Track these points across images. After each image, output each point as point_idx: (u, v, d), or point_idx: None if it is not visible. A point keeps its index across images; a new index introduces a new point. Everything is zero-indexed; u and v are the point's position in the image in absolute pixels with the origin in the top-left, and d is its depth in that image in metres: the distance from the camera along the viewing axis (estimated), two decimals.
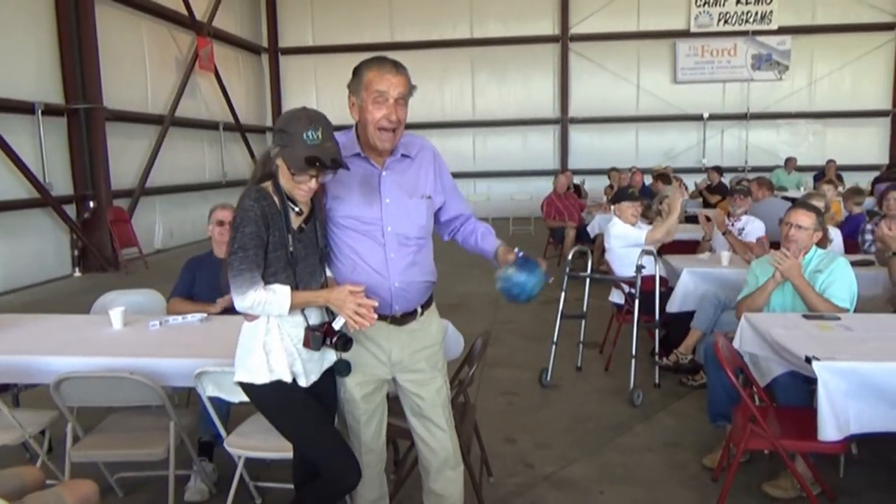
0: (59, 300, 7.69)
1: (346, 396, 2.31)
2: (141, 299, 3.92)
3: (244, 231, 2.00)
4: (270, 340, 2.10)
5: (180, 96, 12.00)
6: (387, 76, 2.08)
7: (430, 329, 2.37)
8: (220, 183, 13.45)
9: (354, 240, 2.20)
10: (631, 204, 4.91)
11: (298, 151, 1.95)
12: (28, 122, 8.73)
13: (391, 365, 2.30)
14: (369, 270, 2.19)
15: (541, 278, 2.16)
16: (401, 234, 2.20)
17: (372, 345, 2.28)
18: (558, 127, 15.54)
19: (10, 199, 8.40)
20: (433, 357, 2.37)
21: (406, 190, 2.23)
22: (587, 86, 15.24)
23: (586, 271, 4.84)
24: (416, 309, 2.31)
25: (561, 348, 4.75)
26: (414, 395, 2.35)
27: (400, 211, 2.20)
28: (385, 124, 2.10)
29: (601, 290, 5.53)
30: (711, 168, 11.49)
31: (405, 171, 2.24)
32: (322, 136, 1.97)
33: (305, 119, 1.98)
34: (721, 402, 3.32)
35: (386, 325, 2.25)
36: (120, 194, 10.33)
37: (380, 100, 2.08)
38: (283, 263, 2.06)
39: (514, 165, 15.54)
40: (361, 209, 2.18)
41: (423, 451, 2.42)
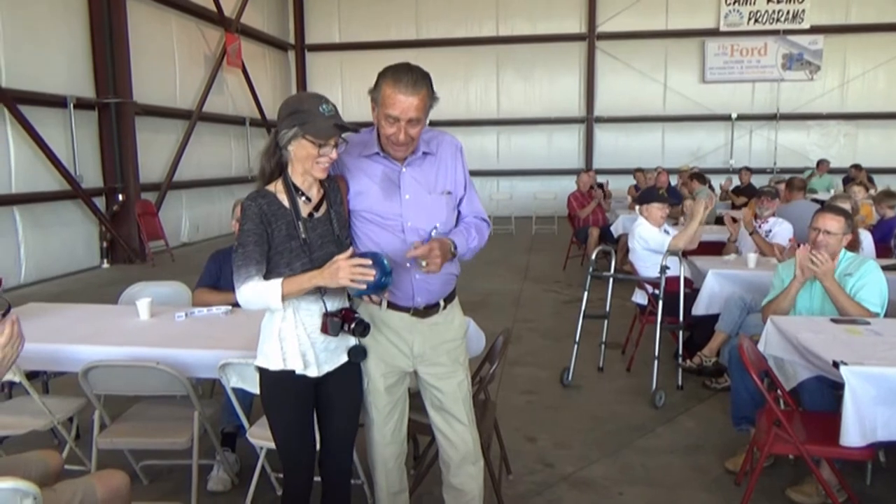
0: (88, 290, 7.84)
1: (371, 387, 2.33)
2: (167, 291, 3.98)
3: (242, 228, 2.09)
4: (285, 328, 2.14)
5: (208, 92, 12.15)
6: (399, 98, 2.07)
7: (453, 323, 2.39)
8: (246, 178, 13.59)
9: (376, 233, 2.24)
10: (661, 206, 4.87)
11: (321, 122, 2.03)
12: (60, 116, 8.90)
13: (413, 357, 2.33)
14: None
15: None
16: (421, 229, 2.23)
17: (395, 336, 2.30)
18: (583, 126, 15.44)
19: (41, 191, 8.58)
20: (455, 351, 2.39)
21: (426, 186, 2.25)
22: (613, 84, 15.13)
23: (609, 271, 4.81)
24: (439, 302, 2.33)
25: (583, 348, 4.73)
26: (434, 388, 2.37)
27: (419, 207, 2.23)
28: (394, 140, 2.15)
29: (624, 291, 5.51)
30: (743, 168, 11.34)
31: (426, 167, 2.27)
32: (334, 109, 2.07)
33: (315, 97, 2.08)
34: (745, 406, 3.28)
35: (409, 317, 2.28)
36: (148, 188, 10.49)
37: (391, 120, 2.12)
38: (297, 252, 2.09)
39: (538, 164, 15.48)
40: (382, 204, 2.22)
41: (444, 446, 2.43)
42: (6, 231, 8.13)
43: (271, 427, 2.24)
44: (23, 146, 8.28)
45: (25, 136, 8.23)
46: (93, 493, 2.12)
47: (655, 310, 4.44)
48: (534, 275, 8.77)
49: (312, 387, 2.19)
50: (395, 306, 2.29)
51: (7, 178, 8.14)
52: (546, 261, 9.73)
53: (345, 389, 2.27)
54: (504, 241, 11.66)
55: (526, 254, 10.50)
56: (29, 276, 8.37)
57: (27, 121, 8.16)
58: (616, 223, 8.34)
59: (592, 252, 5.00)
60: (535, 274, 8.82)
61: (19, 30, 8.16)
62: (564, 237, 10.33)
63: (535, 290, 7.78)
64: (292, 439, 2.22)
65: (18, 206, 8.26)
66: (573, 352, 4.66)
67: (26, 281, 8.30)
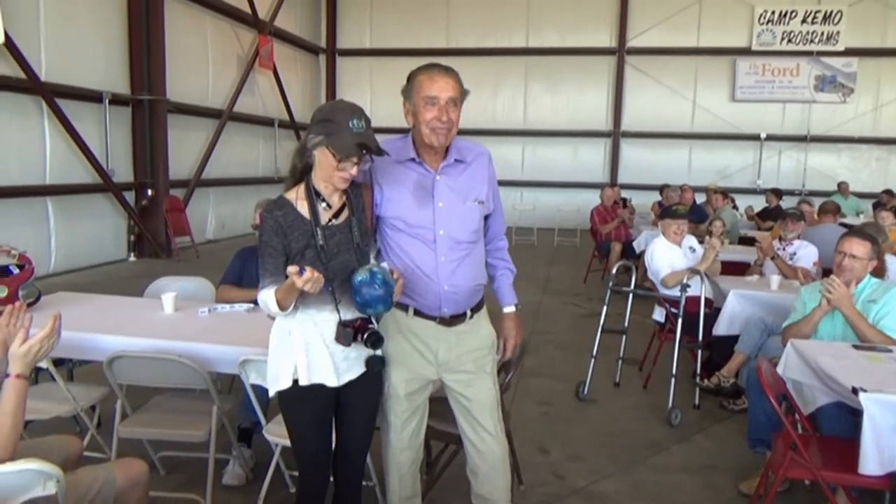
0: (114, 282, 7.97)
1: (391, 392, 2.34)
2: (191, 286, 4.05)
3: (260, 240, 2.13)
4: (296, 341, 2.14)
5: (239, 92, 12.33)
6: (437, 80, 2.14)
7: (480, 332, 2.38)
8: (272, 178, 13.74)
9: (406, 242, 2.23)
10: (673, 221, 4.85)
11: (346, 138, 2.01)
12: (95, 111, 9.10)
13: (437, 365, 2.33)
14: (419, 273, 2.22)
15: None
16: (452, 238, 2.23)
17: (419, 343, 2.31)
18: (610, 140, 15.39)
19: (74, 183, 8.76)
20: (481, 360, 2.38)
21: (459, 194, 2.25)
22: (641, 100, 15.07)
23: (630, 287, 4.79)
24: (465, 311, 2.33)
25: (600, 362, 4.71)
26: (460, 394, 2.37)
27: (452, 215, 2.23)
28: (437, 125, 2.15)
29: (644, 307, 5.47)
30: (770, 191, 11.20)
31: (459, 175, 2.27)
32: (365, 125, 2.05)
33: (349, 109, 2.05)
34: (762, 428, 3.24)
35: (434, 325, 2.29)
36: (176, 184, 10.66)
37: (430, 103, 2.14)
38: (312, 260, 2.09)
39: (562, 176, 15.46)
40: (414, 212, 2.21)
41: (472, 455, 2.44)
42: (39, 221, 8.32)
43: (289, 432, 2.26)
44: (58, 139, 8.48)
45: (61, 129, 8.42)
46: (113, 479, 2.16)
47: (674, 328, 4.41)
48: (554, 287, 8.74)
49: (333, 395, 2.20)
50: (421, 314, 2.29)
51: (42, 170, 8.34)
52: (567, 273, 9.70)
53: (364, 396, 2.28)
54: (525, 251, 11.64)
55: (547, 265, 10.47)
56: (58, 265, 8.55)
57: (63, 114, 8.35)
58: (639, 239, 8.29)
59: (613, 267, 4.99)
60: (556, 286, 8.79)
61: (60, 26, 8.37)
62: (586, 250, 10.29)
63: (555, 302, 7.75)
64: (310, 445, 2.23)
65: (51, 197, 8.46)
66: (590, 366, 4.64)
67: (55, 270, 8.47)
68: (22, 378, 1.96)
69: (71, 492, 2.00)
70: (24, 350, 1.96)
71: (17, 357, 1.96)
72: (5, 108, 7.76)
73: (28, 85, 7.86)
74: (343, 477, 2.36)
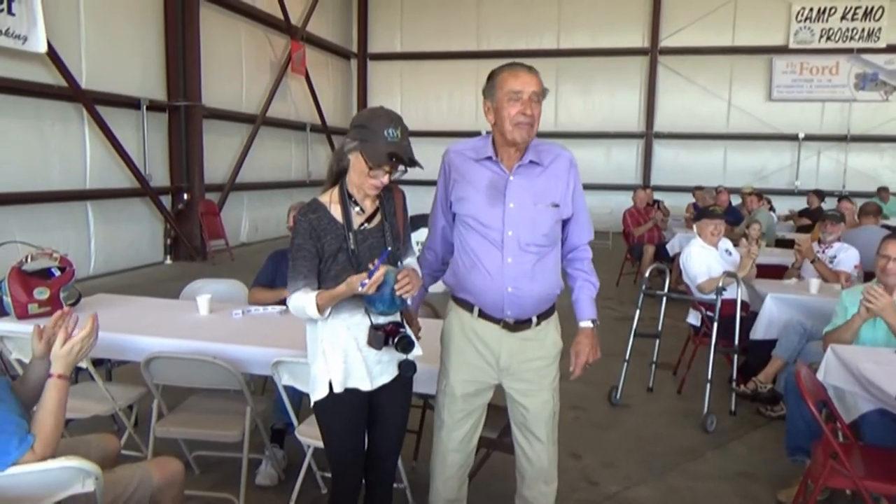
0: (151, 285, 8.14)
1: (446, 391, 2.34)
2: (226, 288, 4.11)
3: (293, 243, 2.14)
4: (329, 348, 2.15)
5: (272, 97, 12.48)
6: (520, 76, 2.15)
7: (545, 341, 2.36)
8: (305, 182, 13.88)
9: (475, 240, 2.24)
10: (710, 221, 4.77)
11: (380, 147, 2.02)
12: (133, 117, 9.30)
13: (499, 370, 2.32)
14: (484, 272, 2.23)
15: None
16: (521, 240, 2.21)
17: (481, 345, 2.30)
18: (642, 141, 15.22)
19: (113, 188, 8.96)
20: (543, 370, 2.36)
21: (532, 196, 2.23)
22: (675, 100, 14.86)
23: (663, 290, 4.73)
24: (531, 318, 2.30)
25: (633, 367, 4.66)
26: (519, 405, 2.36)
27: (523, 216, 2.21)
28: (521, 119, 2.14)
29: (678, 311, 5.40)
30: (812, 192, 10.93)
31: (534, 177, 2.25)
32: (400, 135, 2.04)
33: (386, 117, 2.05)
34: (800, 436, 3.17)
35: (498, 328, 2.28)
36: (211, 188, 10.84)
37: (514, 98, 2.14)
38: (344, 265, 2.10)
39: (594, 178, 15.29)
40: (484, 211, 2.22)
41: (521, 459, 2.44)
42: (79, 224, 8.53)
43: (323, 435, 2.27)
44: (98, 145, 8.68)
45: (101, 136, 8.62)
46: (150, 478, 2.21)
47: (710, 332, 4.34)
48: None
49: (367, 399, 2.21)
50: (485, 316, 2.29)
51: (82, 175, 8.55)
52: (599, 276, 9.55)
53: (396, 399, 2.28)
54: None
55: None
56: (98, 268, 8.75)
57: (103, 121, 8.55)
58: (672, 241, 8.18)
59: (647, 269, 4.93)
60: None
61: (100, 35, 8.57)
62: (619, 253, 10.20)
63: None
64: (343, 448, 2.24)
65: (91, 202, 8.66)
66: (623, 370, 4.59)
67: (95, 273, 8.67)
68: (63, 378, 2.01)
69: (109, 490, 2.05)
70: (67, 350, 2.01)
71: (59, 357, 2.01)
72: (48, 115, 7.98)
73: (69, 93, 8.07)
74: (375, 479, 2.37)
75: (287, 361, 2.71)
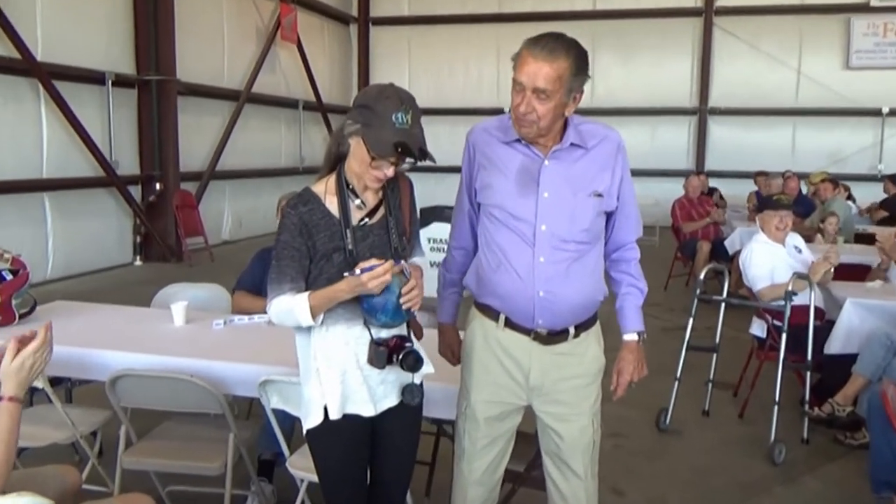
0: (119, 290, 8.20)
1: (468, 413, 2.33)
2: (205, 294, 4.13)
3: (278, 239, 2.13)
4: (323, 365, 2.14)
5: (258, 70, 12.56)
6: (528, 60, 2.07)
7: (585, 357, 2.34)
8: (297, 169, 13.96)
9: (502, 235, 2.23)
10: (774, 213, 4.73)
11: (385, 134, 2.00)
12: (97, 94, 9.39)
13: (528, 389, 2.30)
14: (512, 273, 2.21)
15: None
16: (556, 235, 2.19)
17: (508, 360, 2.28)
18: (695, 118, 15.13)
19: (74, 177, 9.05)
20: (582, 391, 2.34)
21: (571, 184, 2.21)
22: (733, 69, 14.75)
23: (721, 294, 4.70)
24: (568, 329, 2.29)
25: (685, 386, 4.63)
26: (552, 430, 2.34)
27: (559, 208, 2.19)
28: (517, 114, 2.12)
29: (738, 319, 5.36)
30: (887, 177, 10.80)
31: (574, 162, 2.22)
32: (411, 121, 2.02)
33: (396, 98, 2.02)
34: (888, 468, 3.14)
35: (528, 340, 2.26)
36: (188, 177, 10.92)
37: (517, 88, 2.11)
38: (340, 266, 2.09)
39: (638, 163, 15.07)
40: (514, 201, 2.20)
41: (553, 496, 2.42)
42: (35, 221, 8.61)
43: (317, 468, 2.27)
44: (56, 127, 8.77)
45: (59, 116, 8.71)
46: None
47: (777, 345, 4.30)
48: None
49: (369, 425, 2.20)
50: (513, 325, 2.27)
51: (38, 162, 8.64)
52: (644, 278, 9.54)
53: (405, 425, 2.28)
54: None
55: None
56: (56, 270, 8.84)
57: (62, 98, 8.63)
58: (732, 237, 8.13)
59: (701, 271, 4.90)
60: None
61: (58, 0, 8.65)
62: (667, 251, 10.13)
63: None
64: (342, 483, 2.23)
65: (49, 193, 8.75)
66: (673, 390, 4.57)
67: (53, 276, 8.77)
68: (15, 401, 2.00)
69: None
70: (17, 366, 1.98)
71: (8, 375, 1.98)
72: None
73: (22, 66, 8.15)
74: None
75: (277, 381, 2.71)
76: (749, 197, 10.95)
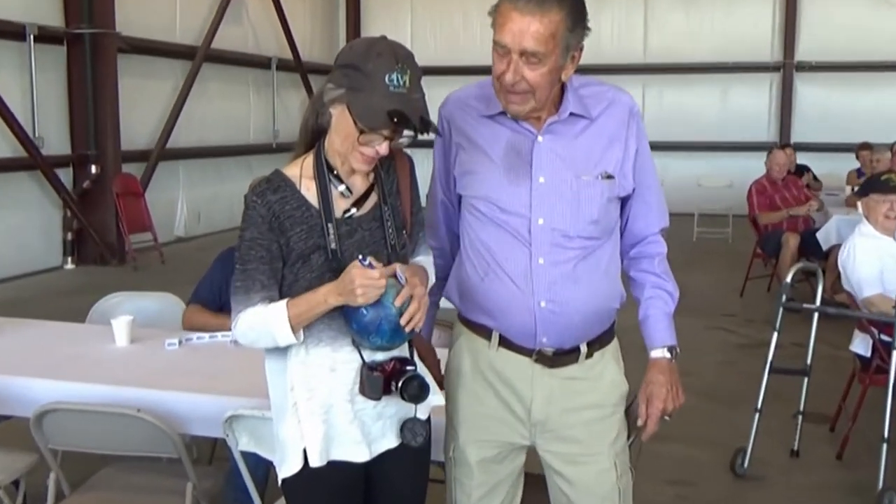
0: (45, 301, 8.23)
1: (457, 458, 2.32)
2: (154, 306, 4.14)
3: (242, 237, 2.10)
4: (302, 398, 2.11)
5: (219, 21, 12.56)
6: (513, 16, 2.02)
7: (600, 381, 2.32)
8: (270, 146, 14.00)
9: (490, 233, 2.21)
10: (884, 197, 4.71)
11: (376, 100, 1.97)
12: (15, 52, 9.44)
13: (530, 424, 2.28)
14: (505, 279, 2.19)
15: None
16: (557, 230, 2.18)
17: (505, 388, 2.27)
18: (778, 76, 15.12)
19: None
20: (599, 425, 2.31)
21: (573, 165, 2.20)
22: (826, 14, 14.76)
23: (813, 301, 4.69)
24: (579, 347, 2.27)
25: (768, 419, 4.62)
26: (560, 477, 2.31)
27: (559, 195, 2.18)
28: (502, 83, 2.09)
29: (837, 333, 5.35)
30: None
31: (576, 137, 2.21)
32: (409, 83, 2.00)
33: (390, 55, 2.00)
34: None
35: (529, 363, 2.24)
36: (131, 157, 10.98)
37: (500, 52, 2.08)
38: (320, 269, 2.08)
39: (704, 134, 15.21)
40: (502, 189, 2.19)
41: None
42: None
43: None
44: None
45: None
46: None
47: (887, 366, 4.29)
48: (693, 303, 8.55)
49: (361, 472, 2.19)
50: (509, 345, 2.25)
51: None
52: (712, 282, 9.57)
53: (407, 470, 2.27)
54: None
55: (682, 270, 10.18)
56: None
57: None
58: (826, 227, 8.09)
59: (788, 271, 4.87)
60: (696, 301, 8.63)
61: None
62: (743, 245, 10.11)
63: (694, 326, 7.63)
64: None
65: None
66: (753, 424, 4.55)
67: None
68: None
69: None
70: None
71: None
72: None
73: None
74: None
75: (246, 416, 2.70)
76: (849, 177, 10.91)
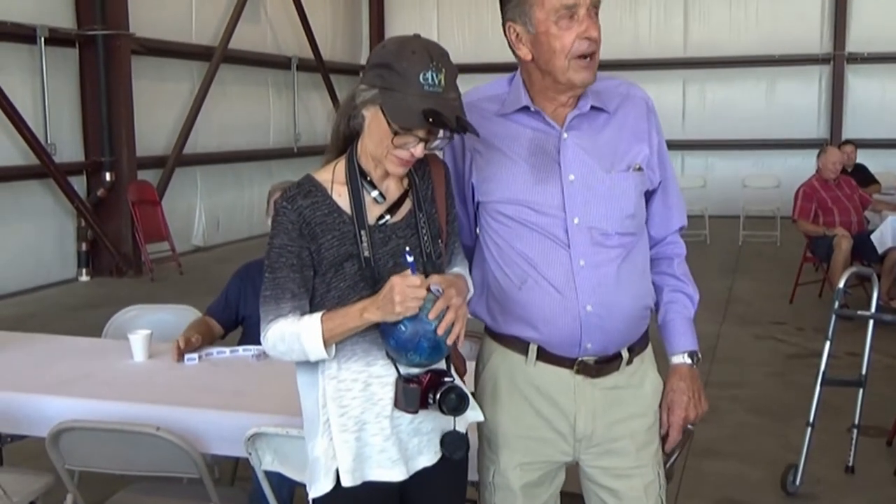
0: (59, 315, 8.31)
1: (498, 483, 2.32)
2: (173, 319, 4.15)
3: (271, 244, 2.11)
4: (335, 415, 2.12)
5: (237, 19, 12.63)
6: None
7: (643, 388, 2.33)
8: (291, 150, 14.03)
9: (524, 239, 2.21)
10: None
11: (410, 100, 1.98)
12: (26, 55, 9.53)
13: (575, 440, 2.28)
14: (546, 286, 2.18)
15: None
16: (596, 229, 2.18)
17: (545, 403, 2.27)
18: (827, 69, 15.00)
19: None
20: (644, 435, 2.32)
21: (600, 160, 2.21)
22: (878, 1, 14.60)
23: (868, 308, 4.65)
24: (620, 353, 2.27)
25: (822, 434, 4.59)
26: (608, 492, 2.32)
27: (594, 192, 2.19)
28: (583, 48, 2.10)
29: (894, 342, 5.28)
30: None
31: (599, 130, 2.23)
32: (445, 82, 2.01)
33: (423, 53, 2.01)
34: None
35: (570, 374, 2.24)
36: (147, 163, 11.04)
37: (566, 15, 2.09)
38: (353, 279, 2.09)
39: (749, 131, 15.11)
40: (532, 191, 2.19)
41: None
42: None
43: None
44: None
45: None
46: None
47: None
48: (740, 310, 8.56)
49: (396, 492, 2.19)
50: (548, 357, 2.25)
51: None
52: (760, 288, 9.54)
53: (446, 490, 2.28)
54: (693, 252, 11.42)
55: (728, 276, 10.29)
56: None
57: None
58: (881, 229, 8.03)
59: (841, 276, 4.84)
60: (743, 309, 8.63)
61: None
62: (793, 249, 10.04)
63: (742, 335, 7.61)
64: None
65: None
66: (805, 439, 4.51)
67: None
68: None
69: None
70: None
71: None
72: None
73: None
74: None
75: (270, 434, 2.71)
76: None
